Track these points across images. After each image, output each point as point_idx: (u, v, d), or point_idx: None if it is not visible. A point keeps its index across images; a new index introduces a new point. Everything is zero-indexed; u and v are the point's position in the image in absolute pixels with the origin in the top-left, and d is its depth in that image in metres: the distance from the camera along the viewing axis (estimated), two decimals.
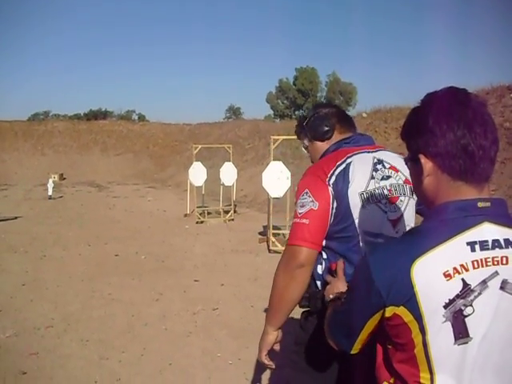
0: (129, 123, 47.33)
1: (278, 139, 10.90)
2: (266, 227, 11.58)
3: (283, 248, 7.54)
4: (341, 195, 1.92)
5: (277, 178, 10.13)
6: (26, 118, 51.34)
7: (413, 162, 1.29)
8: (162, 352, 4.93)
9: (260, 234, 12.06)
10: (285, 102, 49.59)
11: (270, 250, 10.05)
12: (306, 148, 2.37)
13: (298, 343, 2.12)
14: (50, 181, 22.75)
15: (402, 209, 2.05)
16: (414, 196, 2.09)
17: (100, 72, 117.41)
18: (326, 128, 2.21)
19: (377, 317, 1.23)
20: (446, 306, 1.14)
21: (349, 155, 2.02)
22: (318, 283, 2.00)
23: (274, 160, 10.61)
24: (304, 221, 1.88)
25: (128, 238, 11.58)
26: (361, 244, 1.95)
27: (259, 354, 2.05)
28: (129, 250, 10.06)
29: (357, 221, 1.93)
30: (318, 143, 2.26)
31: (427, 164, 1.23)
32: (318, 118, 2.25)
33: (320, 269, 1.99)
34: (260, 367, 4.38)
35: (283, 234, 10.73)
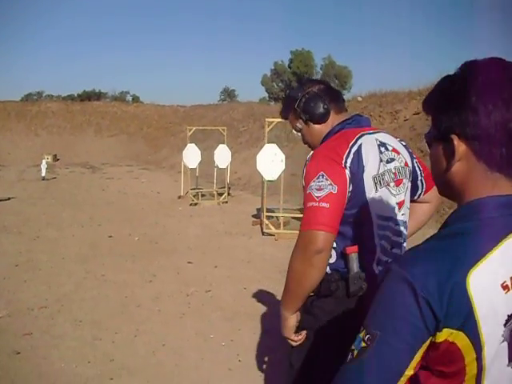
0: (123, 104, 47.05)
1: (272, 122, 10.87)
2: (259, 210, 11.60)
3: (276, 231, 7.58)
4: (357, 178, 1.87)
5: (271, 161, 10.12)
6: (19, 98, 51.01)
7: (439, 142, 1.08)
8: (155, 333, 4.96)
9: (254, 216, 12.07)
10: (280, 84, 49.32)
11: (263, 233, 10.06)
12: (299, 130, 2.22)
13: (301, 327, 2.08)
14: (44, 162, 22.68)
15: (405, 191, 2.05)
16: (411, 178, 2.10)
17: (94, 53, 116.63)
18: (324, 109, 2.09)
19: (426, 345, 0.97)
20: (505, 324, 0.96)
21: (357, 137, 1.95)
22: (327, 268, 1.93)
23: (268, 143, 10.59)
24: (324, 204, 1.78)
25: (121, 220, 11.58)
26: (374, 229, 1.92)
27: (289, 341, 2.00)
28: (122, 232, 10.06)
29: (370, 205, 1.90)
30: (316, 126, 2.13)
31: (460, 147, 1.02)
32: (311, 98, 2.11)
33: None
34: (252, 349, 4.43)
35: (277, 217, 10.75)
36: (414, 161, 2.15)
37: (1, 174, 24.25)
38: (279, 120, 11.38)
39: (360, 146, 1.92)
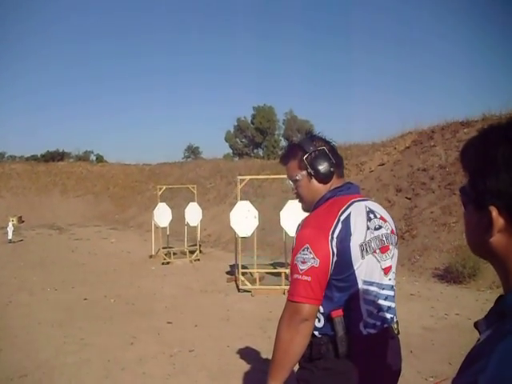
0: (88, 164, 46.83)
1: (244, 179, 11.07)
2: (232, 266, 11.66)
3: (253, 287, 7.76)
4: (343, 248, 1.97)
5: (245, 218, 10.26)
6: None
7: (475, 208, 0.91)
8: None
9: (227, 273, 12.11)
10: (243, 140, 50.10)
11: (239, 289, 10.10)
12: (296, 181, 2.24)
13: (296, 380, 2.14)
14: (10, 224, 22.25)
15: (391, 257, 2.16)
16: (397, 245, 2.24)
17: (55, 112, 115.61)
18: (330, 172, 2.16)
19: None
20: None
21: (347, 204, 2.06)
22: (316, 333, 2.04)
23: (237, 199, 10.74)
24: (306, 278, 1.92)
25: (95, 281, 11.47)
26: (360, 293, 2.02)
27: None
28: (97, 294, 9.96)
29: (357, 271, 2.00)
30: (316, 184, 2.19)
31: (499, 221, 0.85)
32: (322, 155, 2.17)
33: (317, 321, 2.03)
34: None
35: (251, 273, 10.80)
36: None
37: None
38: (251, 177, 11.62)
39: (349, 214, 2.03)
